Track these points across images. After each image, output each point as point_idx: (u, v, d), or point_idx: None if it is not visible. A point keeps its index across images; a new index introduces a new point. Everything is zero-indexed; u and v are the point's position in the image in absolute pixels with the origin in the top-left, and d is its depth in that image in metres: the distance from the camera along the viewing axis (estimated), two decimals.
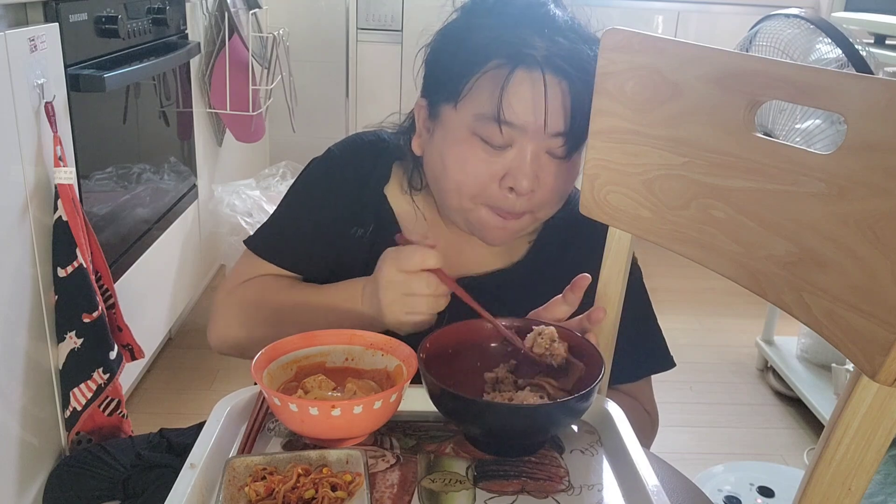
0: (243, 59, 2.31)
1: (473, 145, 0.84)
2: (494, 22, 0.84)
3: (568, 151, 0.84)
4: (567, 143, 0.83)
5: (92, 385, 1.39)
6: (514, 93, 0.81)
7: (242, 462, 0.64)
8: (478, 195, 0.86)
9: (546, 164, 0.84)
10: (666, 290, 2.72)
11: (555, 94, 0.81)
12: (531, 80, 0.81)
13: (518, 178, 0.83)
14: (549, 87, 0.80)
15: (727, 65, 0.69)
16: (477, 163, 0.84)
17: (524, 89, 0.81)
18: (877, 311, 0.56)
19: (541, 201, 0.86)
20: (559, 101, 0.81)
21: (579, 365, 0.75)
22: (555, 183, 0.86)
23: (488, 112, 0.81)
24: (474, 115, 0.83)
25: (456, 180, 0.86)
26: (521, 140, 0.83)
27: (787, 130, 1.50)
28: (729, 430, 1.98)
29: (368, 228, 0.95)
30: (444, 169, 0.87)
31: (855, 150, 0.57)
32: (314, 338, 0.77)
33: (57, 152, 1.30)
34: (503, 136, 0.82)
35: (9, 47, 1.18)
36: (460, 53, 0.84)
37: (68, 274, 1.32)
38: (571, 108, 0.82)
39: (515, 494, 0.65)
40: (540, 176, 0.84)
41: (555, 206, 0.89)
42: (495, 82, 0.81)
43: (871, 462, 0.58)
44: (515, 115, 0.81)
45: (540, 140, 0.83)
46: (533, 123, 0.81)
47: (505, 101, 0.81)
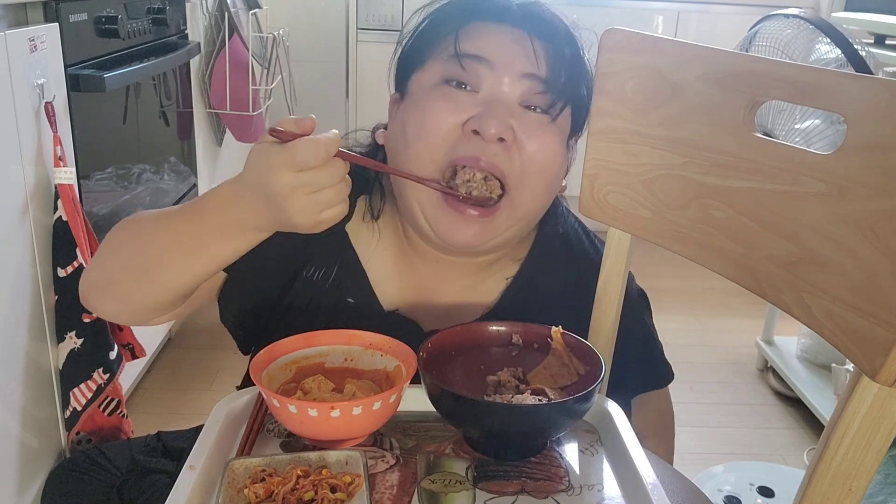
0: (243, 59, 2.31)
1: (437, 95, 0.78)
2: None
3: (549, 104, 0.78)
4: (545, 92, 0.78)
5: (92, 385, 1.39)
6: (477, 29, 0.78)
7: (242, 464, 0.64)
8: (440, 148, 0.77)
9: (521, 116, 0.78)
10: (666, 290, 2.71)
11: (526, 37, 0.78)
12: (501, 25, 0.78)
13: (485, 120, 0.75)
14: (520, 33, 0.78)
15: (727, 65, 0.69)
16: (440, 110, 0.77)
17: (488, 26, 0.78)
18: (877, 311, 0.56)
19: (519, 165, 0.77)
20: (532, 45, 0.77)
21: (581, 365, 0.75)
22: (534, 144, 0.77)
23: (453, 51, 0.78)
24: (440, 60, 0.79)
25: (417, 137, 0.78)
26: (489, 78, 0.77)
27: (786, 130, 1.50)
28: (729, 430, 1.98)
29: (332, 271, 0.87)
30: (404, 136, 0.79)
31: (855, 150, 0.57)
32: (313, 338, 0.77)
33: (57, 152, 1.30)
34: (466, 71, 0.77)
35: (9, 47, 1.18)
36: (429, 23, 0.82)
37: (68, 274, 1.32)
38: (546, 57, 0.78)
39: (515, 495, 0.65)
40: (517, 130, 0.77)
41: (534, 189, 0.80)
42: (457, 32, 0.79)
43: (872, 462, 0.58)
44: (477, 47, 0.77)
45: (511, 82, 0.77)
46: (498, 56, 0.76)
47: (465, 35, 0.78)
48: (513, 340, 0.78)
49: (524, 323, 0.79)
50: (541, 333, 0.77)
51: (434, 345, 0.74)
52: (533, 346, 0.78)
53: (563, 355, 0.76)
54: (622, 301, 0.87)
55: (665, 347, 1.01)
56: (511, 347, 0.79)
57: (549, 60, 0.78)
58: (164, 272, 0.75)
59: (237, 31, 2.28)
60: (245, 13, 2.40)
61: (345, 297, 0.87)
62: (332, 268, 0.87)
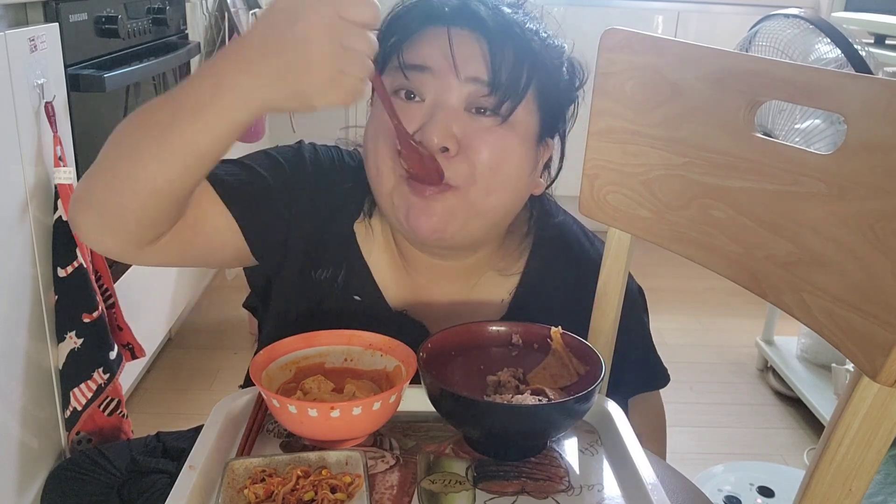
0: None
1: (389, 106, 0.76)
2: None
3: (496, 105, 0.77)
4: (491, 94, 0.76)
5: (92, 385, 1.39)
6: (419, 38, 0.78)
7: (242, 464, 0.64)
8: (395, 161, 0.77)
9: (468, 123, 0.77)
10: (666, 290, 2.71)
11: (467, 40, 0.76)
12: (440, 29, 0.77)
13: (427, 131, 0.75)
14: (462, 35, 0.76)
15: (727, 65, 0.69)
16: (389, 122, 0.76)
17: (429, 34, 0.77)
18: (877, 311, 0.56)
19: (468, 171, 0.77)
20: (473, 47, 0.76)
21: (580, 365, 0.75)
22: (480, 149, 0.76)
23: (397, 63, 0.78)
24: (390, 71, 0.79)
25: (374, 149, 0.79)
26: (433, 86, 0.77)
27: (786, 130, 1.50)
28: (729, 430, 1.98)
29: (339, 272, 0.87)
30: (366, 143, 0.81)
31: (855, 150, 0.57)
32: (313, 339, 0.77)
33: (57, 152, 1.30)
34: (410, 81, 0.77)
35: (9, 47, 1.18)
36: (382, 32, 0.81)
37: (68, 274, 1.32)
38: (492, 57, 0.76)
39: (515, 495, 0.65)
40: (461, 138, 0.76)
41: (492, 191, 0.79)
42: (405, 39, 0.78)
43: (872, 462, 0.58)
44: (419, 56, 0.77)
45: (456, 86, 0.76)
46: (439, 63, 0.76)
47: (407, 45, 0.78)
48: (513, 341, 0.78)
49: (524, 323, 0.79)
50: (540, 334, 0.77)
51: (434, 345, 0.74)
52: (533, 346, 0.78)
53: (562, 356, 0.76)
54: (622, 301, 0.87)
55: (665, 347, 1.01)
56: (511, 347, 0.79)
57: (493, 60, 0.76)
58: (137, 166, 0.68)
59: (237, 31, 2.28)
60: (245, 13, 2.40)
61: (352, 295, 0.87)
62: (340, 270, 0.87)
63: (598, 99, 0.81)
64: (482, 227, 0.82)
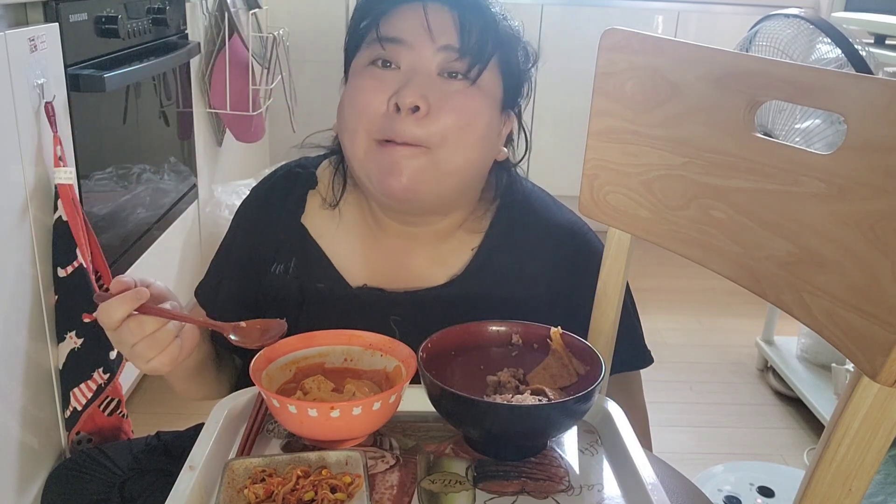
0: (243, 59, 2.31)
1: (366, 75, 0.85)
2: None
3: (467, 69, 0.83)
4: (461, 58, 0.83)
5: (92, 385, 1.39)
6: (394, 11, 0.84)
7: (242, 464, 0.64)
8: (371, 124, 0.83)
9: (440, 86, 0.83)
10: (666, 290, 2.71)
11: (440, 13, 0.83)
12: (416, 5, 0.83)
13: (402, 93, 0.81)
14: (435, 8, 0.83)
15: (727, 65, 0.69)
16: (367, 88, 0.84)
17: (405, 7, 0.84)
18: (877, 311, 0.56)
19: (437, 131, 0.81)
20: (445, 18, 0.83)
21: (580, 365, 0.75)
22: (451, 108, 0.82)
23: (374, 36, 0.84)
24: (367, 45, 0.85)
25: (351, 115, 0.85)
26: (408, 56, 0.83)
27: (786, 130, 1.50)
28: (729, 430, 1.98)
29: (290, 263, 0.94)
30: (341, 113, 0.87)
31: (855, 150, 0.57)
32: (313, 339, 0.77)
33: (57, 152, 1.30)
34: (387, 52, 0.83)
35: (9, 47, 1.18)
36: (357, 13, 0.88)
37: (68, 274, 1.32)
38: (461, 24, 0.83)
39: (515, 495, 0.65)
40: (432, 98, 0.81)
41: (458, 148, 0.83)
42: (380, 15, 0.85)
43: (872, 462, 0.58)
44: (395, 30, 0.83)
45: (429, 55, 0.83)
46: (413, 35, 0.82)
47: (384, 18, 0.84)
48: (512, 340, 0.79)
49: (524, 323, 0.79)
50: (540, 334, 0.77)
51: (434, 345, 0.74)
52: (533, 346, 0.78)
53: (562, 356, 0.76)
54: (622, 301, 0.87)
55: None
56: (511, 347, 0.79)
57: (462, 29, 0.83)
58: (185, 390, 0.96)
59: (237, 31, 2.28)
60: (245, 13, 2.40)
61: (314, 284, 0.93)
62: (292, 260, 0.94)
63: (598, 99, 0.81)
64: (452, 186, 0.86)
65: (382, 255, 0.93)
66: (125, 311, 0.75)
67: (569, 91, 3.02)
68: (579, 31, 3.00)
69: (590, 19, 3.01)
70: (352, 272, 0.93)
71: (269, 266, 0.95)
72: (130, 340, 0.76)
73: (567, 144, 3.15)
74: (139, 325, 0.76)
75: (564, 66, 3.04)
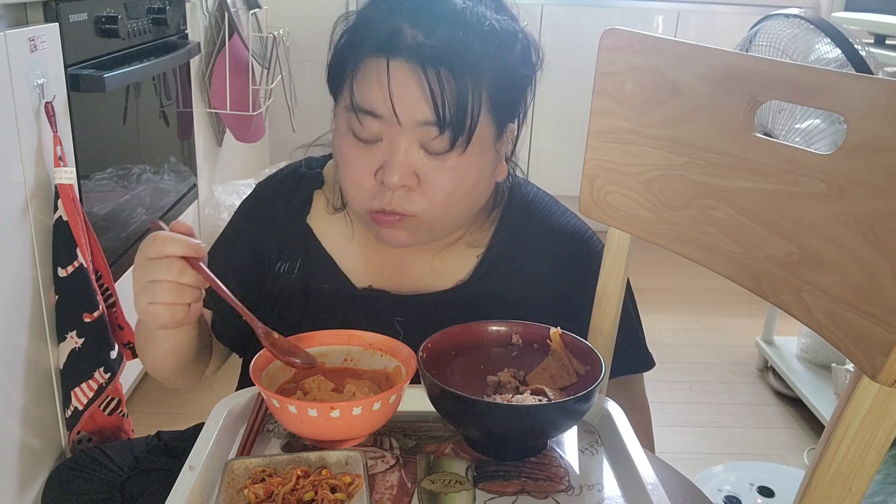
0: (243, 59, 2.31)
1: (350, 140, 0.81)
2: (372, 13, 0.81)
3: (449, 145, 0.78)
4: (442, 134, 0.77)
5: (93, 384, 1.39)
6: (363, 73, 0.78)
7: (242, 464, 0.64)
8: (361, 193, 0.82)
9: (424, 161, 0.79)
10: (666, 290, 2.71)
11: (413, 81, 0.76)
12: (391, 68, 0.76)
13: (386, 171, 0.78)
14: (409, 75, 0.76)
15: (727, 65, 0.69)
16: (354, 158, 0.81)
17: (372, 68, 0.77)
18: (877, 311, 0.56)
19: (427, 203, 0.81)
20: (414, 86, 0.76)
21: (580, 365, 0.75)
22: (438, 183, 0.80)
23: (349, 103, 0.80)
24: (343, 107, 0.82)
25: (345, 179, 0.83)
26: (389, 131, 0.79)
27: (786, 130, 1.50)
28: (729, 430, 1.98)
29: (296, 263, 0.93)
30: (337, 168, 0.86)
31: (855, 150, 0.57)
32: (313, 339, 0.77)
33: (57, 152, 1.30)
34: (365, 127, 0.79)
35: (9, 47, 1.18)
36: (338, 46, 0.83)
37: (69, 274, 1.32)
38: (441, 97, 0.76)
39: (515, 495, 0.65)
40: (419, 173, 0.79)
41: (450, 210, 0.83)
42: (356, 73, 0.79)
43: (872, 462, 0.58)
44: (371, 104, 0.78)
45: (408, 131, 0.78)
46: (386, 108, 0.77)
47: (358, 88, 0.78)
48: (512, 341, 0.79)
49: (524, 322, 0.79)
50: (540, 334, 0.77)
51: (434, 345, 0.74)
52: (533, 346, 0.78)
53: (562, 356, 0.76)
54: (622, 301, 0.87)
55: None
56: (511, 347, 0.79)
57: (434, 100, 0.76)
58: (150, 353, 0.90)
59: (237, 31, 2.28)
60: (245, 13, 2.40)
61: (319, 284, 0.92)
62: (297, 260, 0.93)
63: (598, 99, 0.81)
64: (449, 230, 0.89)
65: (387, 259, 0.93)
66: (180, 251, 0.71)
67: (569, 91, 3.02)
68: (579, 31, 3.00)
69: (590, 19, 3.01)
70: (357, 274, 0.93)
71: (272, 265, 0.94)
72: (160, 276, 0.71)
73: (567, 144, 3.16)
74: (181, 270, 0.72)
75: (564, 66, 3.03)
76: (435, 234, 0.87)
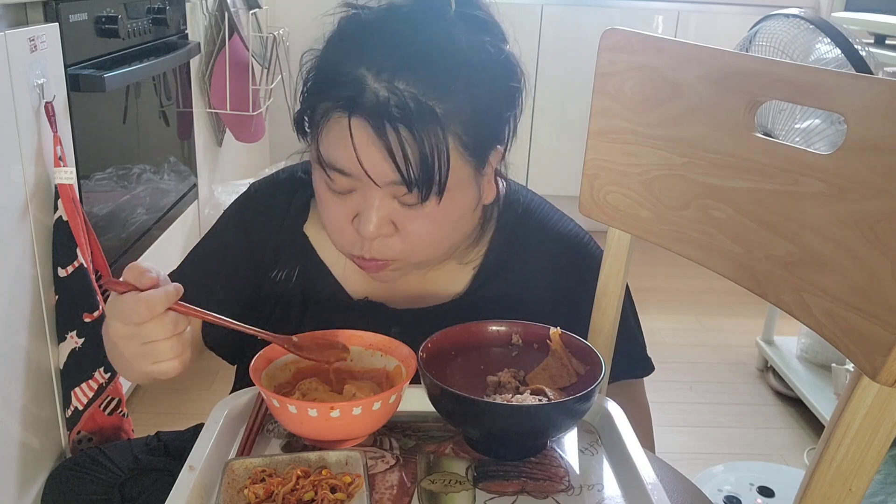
0: (243, 59, 2.31)
1: (324, 188, 0.79)
2: (337, 56, 0.77)
3: (421, 199, 0.75)
4: (412, 191, 0.74)
5: (93, 384, 1.39)
6: (334, 138, 0.75)
7: (241, 464, 0.64)
8: (341, 239, 0.81)
9: (400, 210, 0.77)
10: (666, 290, 2.71)
11: (376, 142, 0.72)
12: (354, 127, 0.73)
13: (361, 223, 0.77)
14: (371, 135, 0.72)
15: (727, 65, 0.69)
16: (329, 206, 0.80)
17: (345, 136, 0.73)
18: (877, 311, 0.56)
19: (407, 248, 0.79)
20: (383, 151, 0.72)
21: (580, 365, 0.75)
22: (416, 230, 0.78)
23: (317, 158, 0.78)
24: (314, 155, 0.79)
25: (324, 223, 0.82)
26: (360, 185, 0.76)
27: (786, 130, 1.50)
28: (729, 430, 1.98)
29: (294, 271, 0.91)
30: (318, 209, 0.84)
31: (855, 150, 0.57)
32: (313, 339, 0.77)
33: (57, 152, 1.30)
34: (336, 182, 0.77)
35: (9, 47, 1.18)
36: (304, 94, 0.80)
37: (69, 274, 1.32)
38: (403, 159, 0.72)
39: (515, 495, 0.65)
40: (396, 222, 0.78)
41: (434, 250, 0.82)
42: (321, 128, 0.76)
43: (872, 462, 0.58)
44: (339, 163, 0.75)
45: (377, 189, 0.75)
46: (354, 166, 0.74)
47: (324, 146, 0.76)
48: (512, 341, 0.79)
49: (524, 323, 0.79)
50: (540, 334, 0.77)
51: (434, 345, 0.74)
52: (533, 346, 0.78)
53: (561, 356, 0.76)
54: (622, 301, 0.87)
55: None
56: (511, 347, 0.79)
57: (398, 162, 0.72)
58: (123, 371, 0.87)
59: (237, 31, 2.28)
60: (245, 13, 2.40)
61: (316, 294, 0.91)
62: (294, 269, 0.92)
63: (598, 99, 0.81)
64: (438, 262, 0.87)
65: None
66: (166, 305, 0.68)
67: (569, 91, 3.02)
68: (579, 31, 3.00)
69: (590, 19, 3.01)
70: (353, 285, 0.92)
71: (268, 270, 0.93)
72: (156, 336, 0.68)
73: (567, 144, 3.16)
74: (174, 323, 0.69)
75: (564, 66, 3.04)
76: (423, 267, 0.86)
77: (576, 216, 0.95)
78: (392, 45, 0.74)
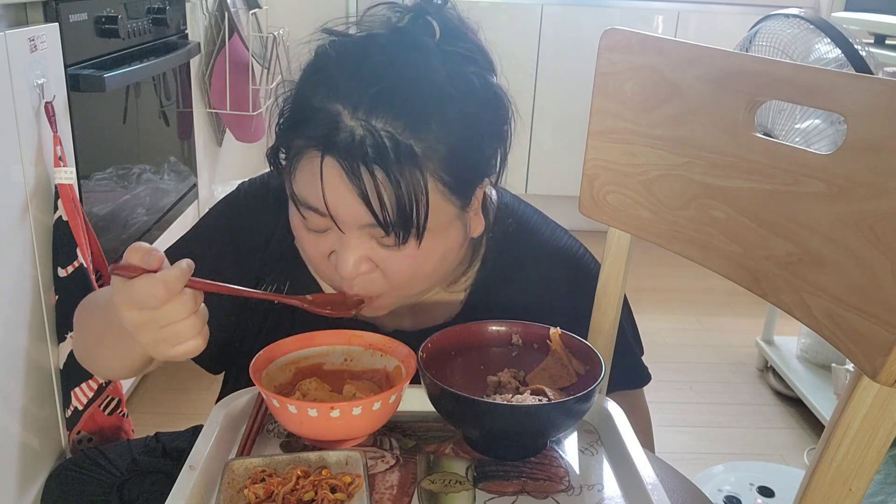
0: (243, 59, 2.31)
1: (300, 225, 0.77)
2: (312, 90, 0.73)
3: (400, 242, 0.72)
4: (388, 234, 0.71)
5: (93, 384, 1.39)
6: (307, 177, 0.71)
7: (241, 464, 0.64)
8: (321, 272, 0.79)
9: (378, 250, 0.74)
10: (666, 290, 2.71)
11: (349, 184, 0.69)
12: (328, 167, 0.69)
13: (338, 263, 0.74)
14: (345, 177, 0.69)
15: (727, 65, 0.69)
16: (305, 241, 0.77)
17: (310, 164, 0.71)
18: (877, 311, 0.56)
19: (389, 285, 0.76)
20: (350, 191, 0.69)
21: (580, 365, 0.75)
22: (397, 269, 0.75)
23: (292, 195, 0.75)
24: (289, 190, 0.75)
25: (302, 254, 0.81)
26: (333, 225, 0.73)
27: (786, 130, 1.50)
28: (729, 430, 1.98)
29: (283, 286, 0.88)
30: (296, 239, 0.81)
31: (855, 150, 0.57)
32: (312, 339, 0.77)
33: (57, 152, 1.30)
34: (310, 221, 0.74)
35: (9, 47, 1.18)
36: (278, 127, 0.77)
37: (69, 274, 1.32)
38: (378, 203, 0.69)
39: (515, 495, 0.65)
40: (376, 261, 0.74)
41: (419, 285, 0.79)
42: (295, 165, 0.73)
43: (872, 462, 0.58)
44: (312, 202, 0.72)
45: (353, 231, 0.72)
46: (330, 207, 0.71)
47: (297, 184, 0.73)
48: (512, 341, 0.79)
49: (524, 322, 0.79)
50: (540, 334, 0.77)
51: (434, 345, 0.74)
52: (533, 346, 0.78)
53: (561, 357, 0.76)
54: (622, 301, 0.87)
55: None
56: (511, 348, 0.79)
57: (378, 205, 0.69)
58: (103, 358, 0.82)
59: (237, 31, 2.28)
60: (245, 13, 2.40)
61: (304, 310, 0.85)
62: (284, 283, 0.88)
63: (598, 99, 0.81)
64: (426, 292, 0.84)
65: None
66: (183, 283, 0.64)
67: (569, 91, 3.02)
68: (579, 31, 3.00)
69: (590, 19, 3.01)
70: None
71: (256, 280, 0.89)
72: (176, 317, 0.64)
73: (567, 144, 3.16)
74: (194, 299, 0.65)
75: (564, 66, 3.04)
76: (410, 298, 0.83)
77: (576, 216, 0.95)
78: (369, 81, 0.70)
